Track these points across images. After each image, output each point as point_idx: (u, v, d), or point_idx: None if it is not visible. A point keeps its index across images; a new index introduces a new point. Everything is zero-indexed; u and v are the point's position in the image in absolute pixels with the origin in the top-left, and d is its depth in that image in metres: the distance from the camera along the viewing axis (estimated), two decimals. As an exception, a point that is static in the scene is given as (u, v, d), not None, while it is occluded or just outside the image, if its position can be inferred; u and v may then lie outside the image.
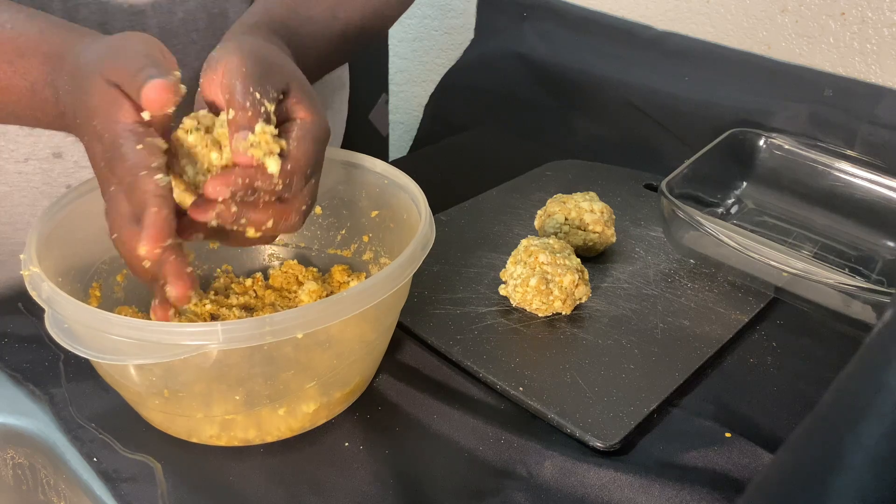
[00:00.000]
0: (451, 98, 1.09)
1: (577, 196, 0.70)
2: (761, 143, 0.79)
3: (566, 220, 0.68)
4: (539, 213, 0.72)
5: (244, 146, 0.42)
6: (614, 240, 0.70)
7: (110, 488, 0.47)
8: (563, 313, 0.61)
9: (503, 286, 0.62)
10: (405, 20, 1.18)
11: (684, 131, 0.88)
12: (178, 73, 0.42)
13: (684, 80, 0.88)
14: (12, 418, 0.53)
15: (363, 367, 0.53)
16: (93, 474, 0.49)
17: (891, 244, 0.72)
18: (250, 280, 0.63)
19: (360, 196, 0.60)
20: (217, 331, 0.41)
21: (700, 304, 0.64)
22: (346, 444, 0.51)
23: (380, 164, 0.58)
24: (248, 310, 0.59)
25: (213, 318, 0.58)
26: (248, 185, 0.42)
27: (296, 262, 0.63)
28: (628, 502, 0.47)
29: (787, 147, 0.78)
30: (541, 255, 0.60)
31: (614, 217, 0.70)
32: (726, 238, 0.63)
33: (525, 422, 0.53)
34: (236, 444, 0.50)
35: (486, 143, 0.97)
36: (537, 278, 0.59)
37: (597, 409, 0.53)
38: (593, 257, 0.69)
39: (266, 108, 0.43)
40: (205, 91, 0.46)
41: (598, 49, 0.95)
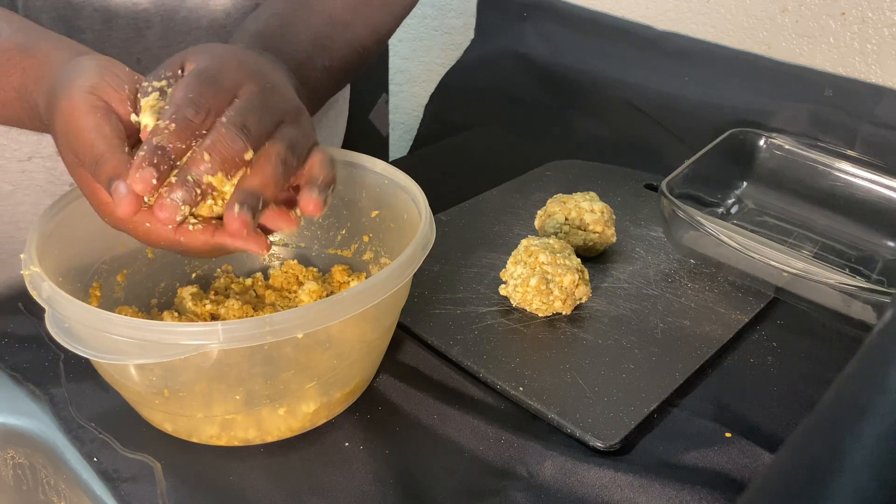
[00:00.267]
0: (451, 98, 1.09)
1: (578, 196, 0.70)
2: (761, 143, 0.79)
3: (566, 220, 0.68)
4: (539, 213, 0.72)
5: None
6: (614, 240, 0.70)
7: (110, 488, 0.47)
8: (564, 313, 0.61)
9: (503, 286, 0.62)
10: (405, 20, 1.18)
11: (684, 131, 0.88)
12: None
13: (684, 80, 0.88)
14: (12, 418, 0.53)
15: (363, 367, 0.53)
16: (93, 474, 0.49)
17: (891, 244, 0.72)
18: (250, 280, 0.63)
19: (361, 196, 0.60)
20: (217, 330, 0.41)
21: (700, 304, 0.64)
22: (346, 444, 0.51)
23: (380, 164, 0.58)
24: (249, 310, 0.59)
25: (213, 317, 0.58)
26: (155, 152, 0.40)
27: (296, 262, 0.63)
28: (628, 502, 0.47)
29: (787, 147, 0.78)
30: (541, 255, 0.60)
31: (614, 217, 0.70)
32: (726, 238, 0.63)
33: (525, 422, 0.53)
34: (236, 443, 0.50)
35: (486, 143, 0.97)
36: (537, 278, 0.59)
37: (597, 409, 0.53)
38: (593, 257, 0.69)
39: (154, 86, 0.43)
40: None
41: (599, 49, 0.95)
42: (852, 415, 0.27)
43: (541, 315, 0.61)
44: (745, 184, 0.80)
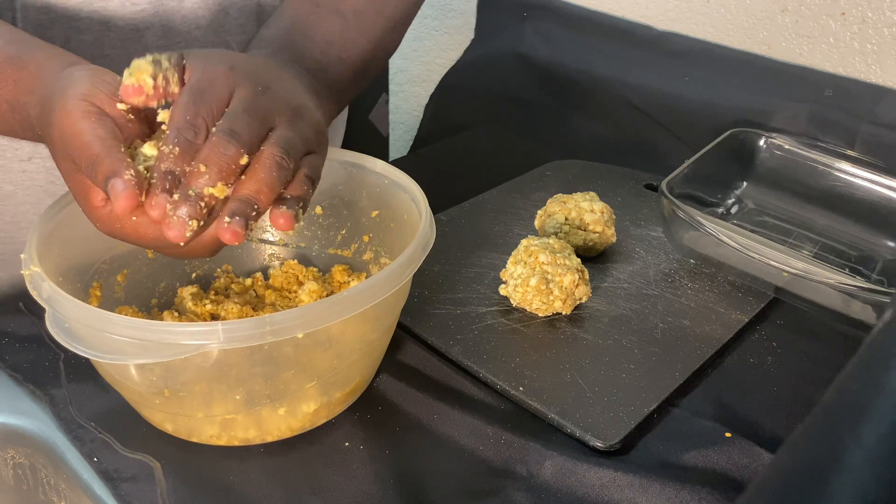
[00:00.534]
0: (451, 98, 1.09)
1: (578, 196, 0.70)
2: (761, 143, 0.79)
3: (566, 220, 0.68)
4: (539, 213, 0.72)
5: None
6: (614, 240, 0.70)
7: (110, 488, 0.47)
8: (564, 313, 0.61)
9: (503, 286, 0.62)
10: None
11: (684, 131, 0.88)
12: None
13: (684, 80, 0.88)
14: (12, 418, 0.53)
15: (363, 367, 0.53)
16: (93, 474, 0.49)
17: (891, 244, 0.72)
18: (250, 280, 0.63)
19: (361, 196, 0.60)
20: (217, 330, 0.41)
21: (700, 304, 0.64)
22: (346, 444, 0.51)
23: (380, 164, 0.58)
24: (249, 310, 0.59)
25: (214, 317, 0.58)
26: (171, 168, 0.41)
27: (296, 262, 0.63)
28: (628, 502, 0.47)
29: (787, 147, 0.78)
30: (541, 255, 0.60)
31: (614, 217, 0.70)
32: (726, 238, 0.63)
33: (525, 422, 0.53)
34: (236, 443, 0.50)
35: (486, 143, 0.97)
36: (537, 278, 0.59)
37: (597, 409, 0.53)
38: (593, 257, 0.69)
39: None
40: None
41: (599, 49, 0.95)
42: (852, 415, 0.27)
43: (541, 315, 0.61)
44: (745, 184, 0.80)
